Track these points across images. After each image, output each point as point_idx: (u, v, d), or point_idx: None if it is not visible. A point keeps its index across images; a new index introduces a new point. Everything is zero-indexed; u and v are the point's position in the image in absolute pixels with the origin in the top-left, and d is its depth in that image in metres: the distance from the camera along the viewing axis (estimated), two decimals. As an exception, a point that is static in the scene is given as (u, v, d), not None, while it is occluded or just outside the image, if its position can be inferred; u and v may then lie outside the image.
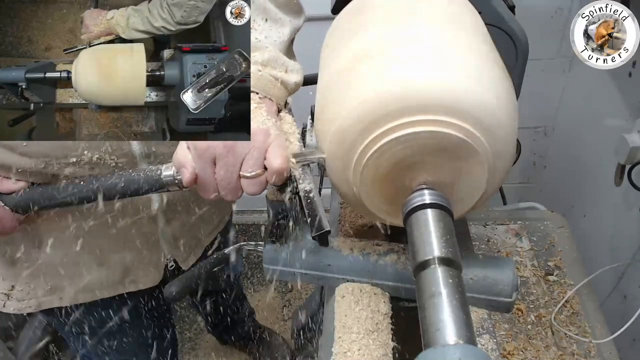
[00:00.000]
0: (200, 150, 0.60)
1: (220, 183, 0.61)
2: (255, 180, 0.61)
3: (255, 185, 0.61)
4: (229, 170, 0.60)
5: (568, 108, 1.79)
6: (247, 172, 0.60)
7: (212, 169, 0.60)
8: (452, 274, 0.49)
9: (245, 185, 0.61)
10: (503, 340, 0.99)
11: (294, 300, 2.03)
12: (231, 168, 0.60)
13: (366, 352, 0.61)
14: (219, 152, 0.59)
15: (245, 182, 0.61)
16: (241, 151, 0.60)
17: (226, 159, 0.59)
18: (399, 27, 0.60)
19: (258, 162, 0.60)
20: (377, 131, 0.54)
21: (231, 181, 0.60)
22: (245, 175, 0.60)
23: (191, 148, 0.61)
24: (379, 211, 0.62)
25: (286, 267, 0.70)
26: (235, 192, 0.62)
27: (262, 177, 0.61)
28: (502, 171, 0.59)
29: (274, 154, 0.60)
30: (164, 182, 0.64)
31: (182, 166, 0.61)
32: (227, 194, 0.62)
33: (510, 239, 1.20)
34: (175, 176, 0.64)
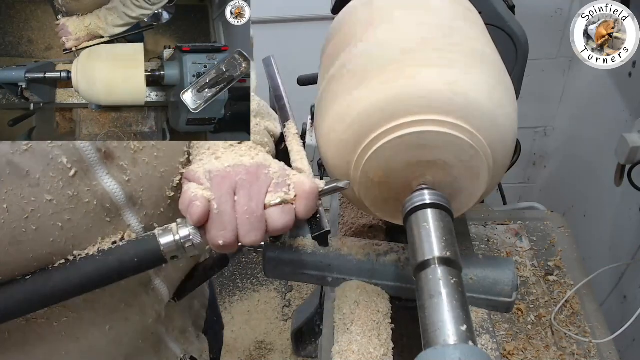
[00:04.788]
0: (219, 178, 0.52)
1: (241, 217, 0.51)
2: (285, 208, 0.52)
3: (285, 214, 0.52)
4: (252, 198, 0.51)
5: (568, 108, 1.79)
6: (274, 200, 0.51)
7: (232, 201, 0.51)
8: (452, 274, 0.49)
9: (273, 216, 0.51)
10: (503, 340, 0.99)
11: (294, 300, 2.03)
12: (256, 196, 0.51)
13: (366, 352, 0.61)
14: (240, 179, 0.52)
15: (273, 211, 0.51)
16: (265, 179, 0.52)
17: (250, 187, 0.52)
18: (400, 28, 0.60)
19: (283, 186, 0.53)
20: (378, 132, 0.55)
21: (256, 212, 0.51)
22: (271, 204, 0.52)
23: (205, 178, 0.52)
24: (379, 211, 0.62)
25: (286, 267, 0.70)
26: (259, 227, 0.51)
27: (290, 205, 0.52)
28: (501, 171, 0.60)
29: (302, 177, 0.54)
30: (164, 253, 0.52)
31: (193, 200, 0.50)
32: (248, 232, 0.51)
33: (510, 239, 1.19)
34: (182, 238, 0.51)
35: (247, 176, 0.52)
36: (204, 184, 0.52)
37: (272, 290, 2.07)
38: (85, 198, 0.51)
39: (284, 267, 0.70)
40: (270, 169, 0.54)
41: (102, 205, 0.53)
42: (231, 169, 0.53)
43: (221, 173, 0.53)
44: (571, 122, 1.78)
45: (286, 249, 0.69)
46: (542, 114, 1.85)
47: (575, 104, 1.74)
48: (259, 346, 1.88)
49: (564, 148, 1.84)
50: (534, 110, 1.83)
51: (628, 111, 1.36)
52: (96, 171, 0.52)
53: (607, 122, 1.49)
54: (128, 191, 0.54)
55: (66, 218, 0.50)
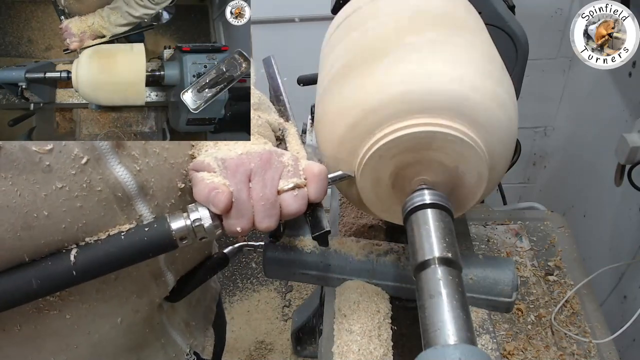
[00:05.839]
0: (233, 166, 0.53)
1: (257, 203, 0.52)
2: (298, 192, 0.53)
3: (298, 199, 0.53)
4: (267, 185, 0.52)
5: (568, 108, 1.79)
6: (287, 185, 0.53)
7: (247, 188, 0.52)
8: (452, 274, 0.49)
9: (287, 201, 0.53)
10: (503, 340, 0.99)
11: (294, 300, 2.03)
12: (270, 182, 0.53)
13: (366, 352, 0.61)
14: (254, 166, 0.53)
15: (287, 196, 0.53)
16: (278, 165, 0.54)
17: (264, 173, 0.53)
18: (400, 28, 0.60)
19: (296, 172, 0.54)
20: (378, 132, 0.55)
21: (271, 199, 0.52)
22: (285, 189, 0.53)
23: (218, 165, 0.53)
24: (380, 211, 0.62)
25: (286, 267, 0.70)
26: (274, 213, 0.53)
27: (304, 189, 0.54)
28: (501, 171, 0.60)
29: (311, 162, 0.56)
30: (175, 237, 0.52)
31: (214, 189, 0.51)
32: (264, 218, 0.52)
33: (510, 239, 1.20)
34: (194, 222, 0.52)
35: (260, 163, 0.53)
36: (217, 172, 0.53)
37: (272, 290, 2.08)
38: (97, 186, 0.52)
39: (284, 267, 0.70)
40: (282, 156, 0.55)
41: (114, 194, 0.53)
42: (245, 156, 0.54)
43: (235, 160, 0.53)
44: (571, 122, 1.78)
45: (286, 249, 0.69)
46: (542, 114, 1.86)
47: (575, 104, 1.74)
48: (259, 346, 1.88)
49: (564, 148, 1.84)
50: (534, 110, 1.83)
51: (628, 111, 1.36)
52: (108, 160, 0.52)
53: (607, 122, 1.49)
54: (139, 181, 0.55)
55: (78, 205, 0.50)
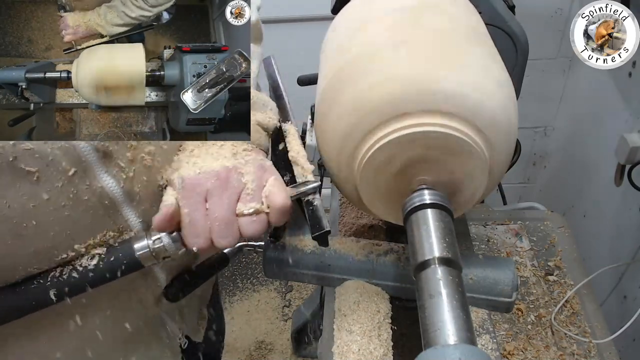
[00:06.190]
0: (190, 186, 0.53)
1: (213, 224, 0.52)
2: (257, 218, 0.53)
3: (256, 223, 0.53)
4: (223, 206, 0.52)
5: (568, 108, 1.79)
6: (246, 209, 0.53)
7: (203, 208, 0.53)
8: (452, 274, 0.49)
9: (245, 225, 0.53)
10: (503, 340, 0.99)
11: (294, 300, 2.03)
12: (227, 203, 0.53)
13: (366, 352, 0.61)
14: (211, 186, 0.53)
15: (244, 220, 0.53)
16: (237, 185, 0.54)
17: (221, 194, 0.53)
18: (400, 28, 0.60)
19: (257, 195, 0.54)
20: (378, 132, 0.55)
21: (228, 221, 0.53)
22: (243, 213, 0.53)
23: (178, 184, 0.54)
24: (380, 211, 0.62)
25: (286, 267, 0.70)
26: (232, 234, 0.53)
27: (263, 215, 0.54)
28: (501, 171, 0.60)
29: (276, 188, 0.54)
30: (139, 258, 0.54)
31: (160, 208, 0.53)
32: (221, 238, 0.53)
33: (510, 239, 1.19)
34: (154, 242, 0.53)
35: (218, 182, 0.53)
36: (176, 190, 0.54)
37: (272, 290, 2.08)
38: (84, 196, 0.52)
39: (284, 267, 0.70)
40: (243, 175, 0.54)
41: (101, 202, 0.54)
42: (202, 176, 0.54)
43: (192, 180, 0.54)
44: (571, 122, 1.78)
45: (286, 249, 0.69)
46: (542, 114, 1.86)
47: (575, 104, 1.74)
48: (259, 346, 1.88)
49: (564, 148, 1.84)
50: (534, 110, 1.83)
51: (628, 111, 1.36)
52: (95, 170, 0.53)
53: (607, 122, 1.49)
54: (126, 188, 0.55)
55: (66, 214, 0.51)
